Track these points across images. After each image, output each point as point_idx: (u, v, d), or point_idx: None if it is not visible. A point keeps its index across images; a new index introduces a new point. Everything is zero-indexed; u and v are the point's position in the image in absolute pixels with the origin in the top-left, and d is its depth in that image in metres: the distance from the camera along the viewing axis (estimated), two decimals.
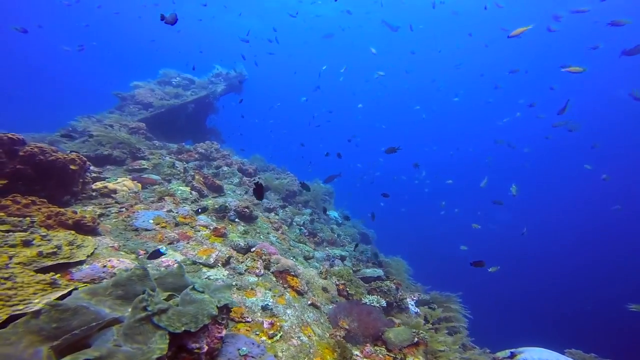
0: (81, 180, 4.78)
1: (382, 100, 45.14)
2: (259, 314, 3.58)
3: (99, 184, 5.29)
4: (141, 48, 46.23)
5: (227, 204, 5.80)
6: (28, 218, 3.08)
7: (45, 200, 3.74)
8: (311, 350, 3.33)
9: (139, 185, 5.68)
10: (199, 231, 4.90)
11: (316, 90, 21.69)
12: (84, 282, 2.80)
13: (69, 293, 2.25)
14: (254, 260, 4.55)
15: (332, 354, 3.42)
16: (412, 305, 6.15)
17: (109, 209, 4.54)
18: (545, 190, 45.52)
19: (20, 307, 1.98)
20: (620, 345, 15.77)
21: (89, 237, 3.38)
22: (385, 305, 5.13)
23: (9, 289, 2.05)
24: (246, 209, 5.91)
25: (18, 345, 1.57)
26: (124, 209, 4.67)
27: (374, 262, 7.89)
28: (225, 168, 8.48)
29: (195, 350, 2.03)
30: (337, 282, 5.41)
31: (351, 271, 5.93)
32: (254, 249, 4.89)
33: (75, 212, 3.50)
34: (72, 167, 4.45)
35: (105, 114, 9.89)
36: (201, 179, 6.57)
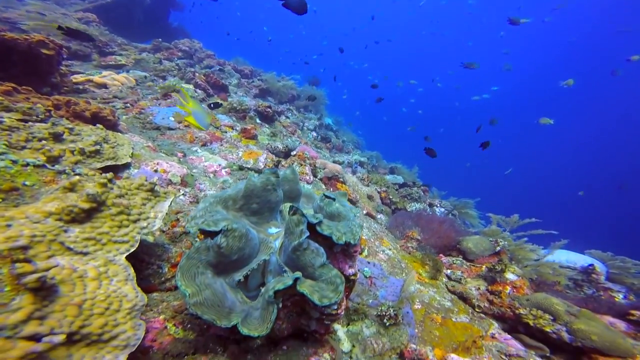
0: (59, 70, 3.56)
1: None
2: None
3: (79, 77, 4.05)
4: None
5: (245, 103, 4.83)
6: (40, 105, 2.08)
7: (30, 88, 2.65)
8: (402, 265, 2.89)
9: (133, 80, 4.47)
10: (226, 132, 4.05)
11: None
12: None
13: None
14: (301, 165, 3.86)
15: (423, 267, 3.06)
16: (440, 211, 6.00)
17: (111, 104, 3.48)
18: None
19: (143, 222, 1.29)
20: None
21: (119, 134, 2.48)
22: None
23: (120, 196, 1.30)
24: (268, 109, 4.99)
25: (207, 274, 1.14)
26: (129, 105, 3.63)
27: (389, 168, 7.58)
28: (218, 67, 7.12)
29: (352, 277, 1.46)
30: (379, 190, 4.99)
31: (386, 178, 5.52)
32: (294, 152, 4.18)
33: (89, 102, 2.50)
34: (45, 51, 3.21)
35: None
36: (203, 77, 5.37)
